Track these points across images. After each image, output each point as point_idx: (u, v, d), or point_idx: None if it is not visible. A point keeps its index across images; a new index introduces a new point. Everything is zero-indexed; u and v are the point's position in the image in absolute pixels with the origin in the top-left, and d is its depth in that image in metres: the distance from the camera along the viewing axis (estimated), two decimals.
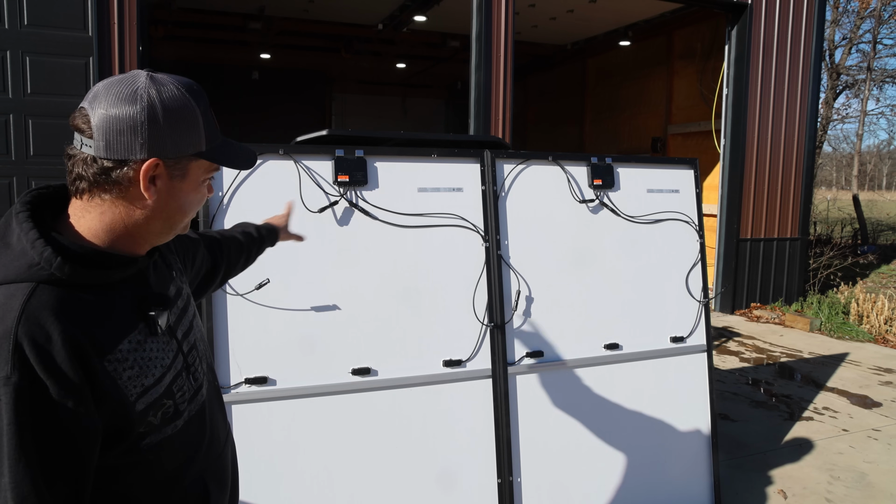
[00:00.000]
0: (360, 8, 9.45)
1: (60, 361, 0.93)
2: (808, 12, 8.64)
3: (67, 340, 0.95)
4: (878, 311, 7.62)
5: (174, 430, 1.13)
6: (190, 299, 1.30)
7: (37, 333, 0.93)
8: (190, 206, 1.11)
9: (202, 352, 1.28)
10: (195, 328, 1.27)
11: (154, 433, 1.09)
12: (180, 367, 1.16)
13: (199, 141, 1.06)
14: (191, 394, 1.18)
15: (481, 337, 2.63)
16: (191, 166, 1.07)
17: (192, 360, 1.21)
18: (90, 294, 1.02)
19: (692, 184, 3.10)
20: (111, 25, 5.61)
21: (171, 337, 1.16)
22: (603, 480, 2.83)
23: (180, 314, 1.22)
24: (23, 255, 0.98)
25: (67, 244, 1.01)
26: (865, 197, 24.65)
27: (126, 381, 1.03)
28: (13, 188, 5.44)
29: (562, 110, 13.98)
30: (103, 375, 0.99)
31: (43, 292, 0.97)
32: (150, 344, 1.09)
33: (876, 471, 3.89)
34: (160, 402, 1.09)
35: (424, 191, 2.57)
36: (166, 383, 1.11)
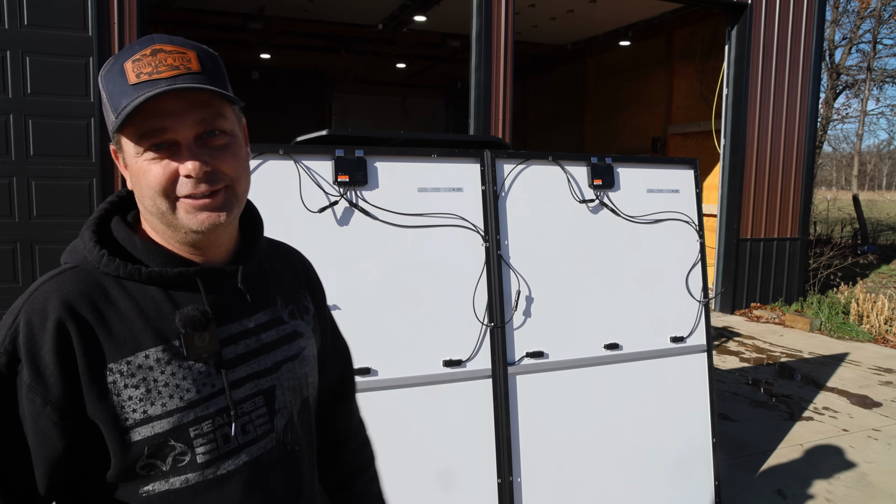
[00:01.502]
0: (360, 8, 9.45)
1: (44, 350, 0.85)
2: (808, 12, 8.64)
3: (58, 330, 0.86)
4: (878, 311, 7.62)
5: (184, 484, 0.93)
6: (295, 339, 1.07)
7: (35, 314, 0.87)
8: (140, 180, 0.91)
9: (283, 404, 1.03)
10: (283, 373, 1.03)
11: (158, 480, 0.92)
12: (214, 410, 0.94)
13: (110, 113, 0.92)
14: (226, 449, 0.95)
15: (481, 337, 2.63)
16: (123, 141, 0.92)
17: (248, 408, 0.98)
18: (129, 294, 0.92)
19: (692, 184, 3.10)
20: (111, 25, 5.61)
21: (216, 370, 0.95)
22: (603, 480, 2.83)
23: (258, 349, 1.01)
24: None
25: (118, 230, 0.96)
26: (865, 197, 24.64)
27: (125, 400, 0.88)
28: (13, 188, 5.44)
29: (562, 110, 13.98)
30: (96, 383, 0.87)
31: (72, 276, 0.91)
32: (173, 368, 0.92)
33: (876, 471, 3.89)
34: (165, 441, 0.90)
35: (424, 191, 2.57)
36: (180, 422, 0.91)
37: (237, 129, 0.98)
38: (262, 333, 1.02)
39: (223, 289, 0.99)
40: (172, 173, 0.90)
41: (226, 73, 0.98)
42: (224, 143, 0.94)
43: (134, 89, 0.88)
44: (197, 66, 0.91)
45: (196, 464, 0.93)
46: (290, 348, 1.06)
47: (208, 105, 0.92)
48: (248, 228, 1.08)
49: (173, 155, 0.90)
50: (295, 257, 1.20)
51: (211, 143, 0.93)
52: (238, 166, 0.96)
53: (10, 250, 5.51)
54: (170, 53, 0.90)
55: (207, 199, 0.92)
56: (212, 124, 0.92)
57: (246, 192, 0.99)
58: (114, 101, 0.90)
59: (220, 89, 0.92)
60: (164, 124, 0.89)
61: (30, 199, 5.50)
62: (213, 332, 0.95)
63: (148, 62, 0.89)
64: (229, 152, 0.95)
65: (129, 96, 0.88)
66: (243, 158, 0.98)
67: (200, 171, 0.90)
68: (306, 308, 1.14)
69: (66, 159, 5.56)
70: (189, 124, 0.90)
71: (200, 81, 0.90)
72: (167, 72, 0.89)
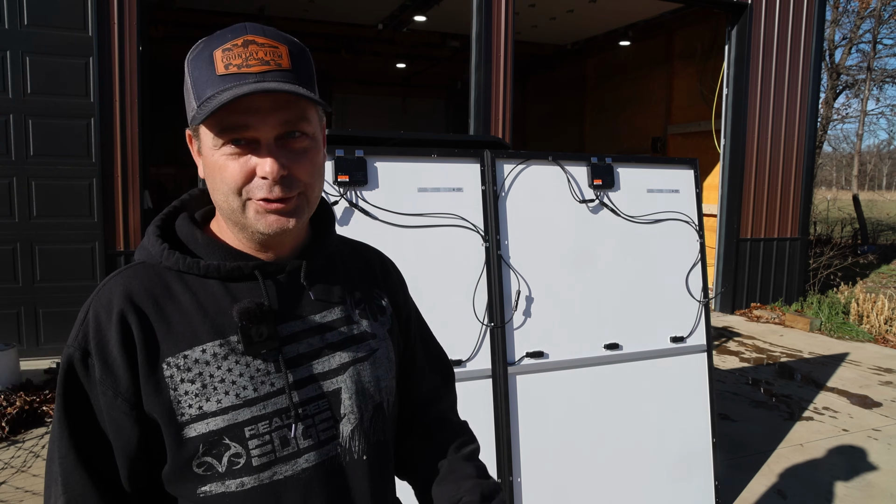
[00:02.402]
0: (360, 8, 9.45)
1: (111, 343, 0.87)
2: (808, 12, 8.64)
3: (121, 322, 0.87)
4: (878, 311, 7.62)
5: (240, 487, 0.89)
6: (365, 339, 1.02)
7: (102, 309, 0.89)
8: (216, 182, 0.90)
9: (351, 408, 0.98)
10: (351, 375, 0.98)
11: (214, 481, 0.89)
12: (272, 410, 0.91)
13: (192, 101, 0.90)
14: (284, 453, 0.91)
15: (481, 337, 2.63)
16: (201, 130, 0.90)
17: (311, 410, 0.94)
18: (190, 288, 0.92)
19: (692, 184, 3.11)
20: (111, 25, 5.61)
21: (277, 368, 0.92)
22: (603, 480, 2.83)
23: (326, 348, 0.97)
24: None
25: (177, 226, 0.97)
26: (865, 197, 24.64)
27: (181, 394, 0.87)
28: (13, 188, 5.44)
29: (562, 110, 13.99)
30: (155, 376, 0.87)
31: (137, 271, 0.92)
32: (230, 364, 0.89)
33: (876, 471, 3.89)
34: (219, 440, 0.88)
35: (424, 191, 2.57)
36: (235, 420, 0.88)
37: (318, 132, 0.95)
38: (328, 333, 0.98)
39: (286, 285, 0.96)
40: (250, 172, 0.88)
41: (314, 70, 0.96)
42: (304, 147, 0.91)
43: (221, 80, 0.86)
44: (287, 63, 0.88)
45: (251, 466, 0.89)
46: (359, 349, 1.01)
47: (294, 106, 0.89)
48: (319, 224, 1.06)
49: (252, 152, 0.88)
50: (373, 256, 1.16)
51: (291, 145, 0.90)
52: (314, 172, 0.93)
53: (10, 250, 5.51)
54: (261, 46, 0.87)
55: (280, 203, 0.89)
56: (295, 126, 0.89)
57: (318, 197, 0.97)
58: (198, 88, 0.88)
59: (309, 90, 0.89)
60: (247, 121, 0.86)
61: (30, 199, 5.50)
62: (271, 326, 0.92)
63: (238, 53, 0.86)
64: (307, 157, 0.91)
65: (215, 86, 0.86)
66: (320, 164, 0.95)
67: (278, 175, 0.87)
68: (381, 308, 1.08)
69: (66, 159, 5.56)
70: (272, 124, 0.87)
71: (289, 80, 0.88)
72: (257, 66, 0.86)
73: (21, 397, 4.43)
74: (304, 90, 0.87)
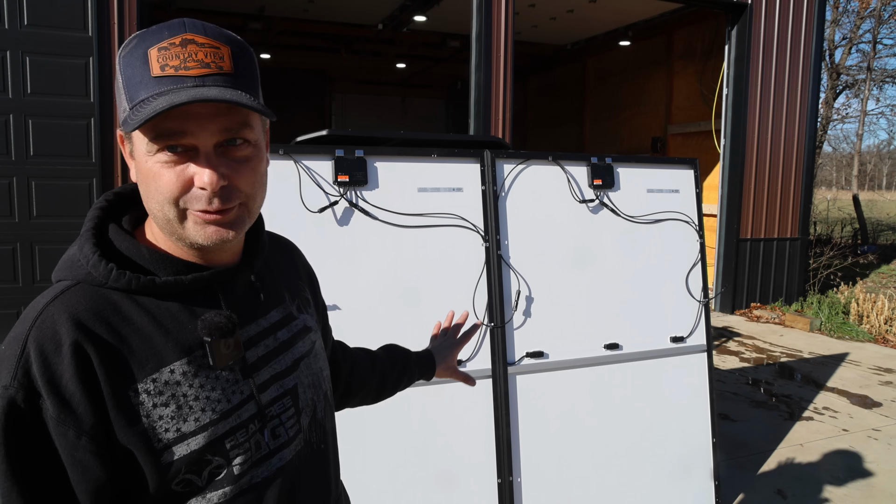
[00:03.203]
0: (360, 8, 9.45)
1: (66, 378, 0.78)
2: (808, 12, 8.64)
3: (77, 353, 0.78)
4: (878, 311, 7.62)
5: (222, 498, 0.87)
6: (306, 334, 1.03)
7: (47, 341, 0.78)
8: (148, 193, 0.84)
9: (306, 402, 0.99)
10: (302, 371, 0.99)
11: (195, 496, 0.86)
12: (247, 417, 0.89)
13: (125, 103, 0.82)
14: (259, 456, 0.91)
15: (481, 337, 2.63)
16: (134, 134, 0.82)
17: (276, 411, 0.94)
18: (141, 306, 0.85)
19: (692, 184, 3.11)
20: (111, 25, 5.61)
21: (242, 376, 0.90)
22: (603, 480, 2.83)
23: (277, 349, 0.96)
24: (75, 251, 0.87)
25: (119, 239, 0.87)
26: (865, 197, 24.64)
27: (155, 420, 0.82)
28: (13, 188, 5.44)
29: (562, 110, 13.99)
30: (122, 406, 0.80)
31: (77, 293, 0.83)
32: (201, 380, 0.86)
33: (876, 471, 3.89)
34: (202, 457, 0.85)
35: (424, 191, 2.57)
36: (215, 434, 0.86)
37: (261, 139, 0.89)
38: (278, 332, 0.98)
39: (237, 291, 0.94)
40: (187, 181, 0.82)
41: (258, 72, 0.89)
42: (246, 156, 0.86)
43: (156, 83, 0.79)
44: (229, 66, 0.82)
45: (233, 475, 0.88)
46: (304, 344, 1.01)
47: (235, 112, 0.83)
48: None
49: (189, 160, 0.82)
50: (291, 248, 1.15)
51: (232, 153, 0.84)
52: (256, 182, 0.88)
53: (10, 250, 5.51)
54: (201, 47, 0.81)
55: (219, 214, 0.84)
56: (236, 133, 0.83)
57: (260, 206, 0.92)
58: (130, 88, 0.81)
59: (252, 95, 0.83)
60: (184, 128, 0.80)
61: (30, 199, 5.50)
62: (237, 337, 0.89)
63: (176, 53, 0.80)
64: (249, 166, 0.86)
65: (149, 89, 0.79)
66: (262, 173, 0.90)
67: (217, 185, 0.82)
68: (307, 301, 1.09)
69: (66, 159, 5.56)
70: (212, 131, 0.81)
71: (231, 84, 0.82)
72: (196, 68, 0.80)
73: None
74: (247, 98, 0.81)
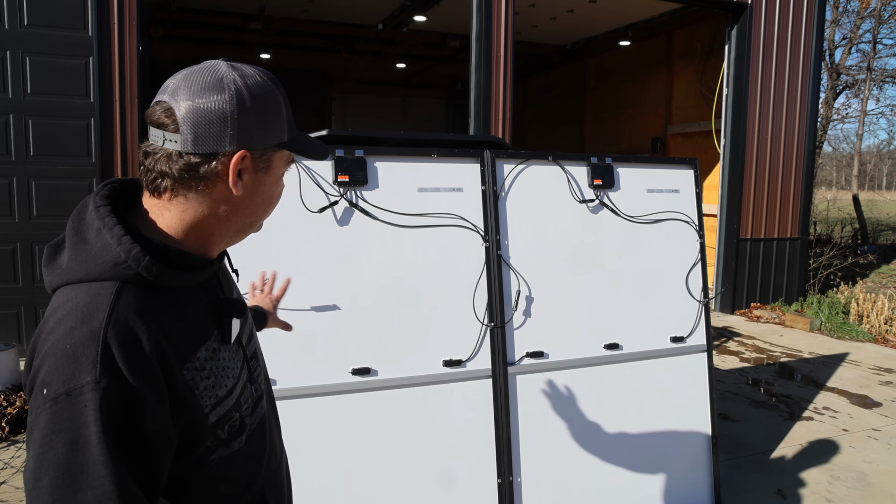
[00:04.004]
0: (360, 8, 9.45)
1: (148, 367, 0.89)
2: (808, 12, 8.64)
3: (155, 345, 0.90)
4: (878, 311, 7.62)
5: (240, 444, 1.07)
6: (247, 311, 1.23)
7: (125, 336, 0.88)
8: (271, 200, 1.05)
9: (261, 364, 1.23)
10: (254, 336, 1.23)
11: (221, 448, 1.04)
12: (245, 377, 1.11)
13: (283, 130, 1.01)
14: (252, 405, 1.13)
15: (481, 337, 2.63)
16: (274, 158, 1.01)
17: (253, 368, 1.16)
18: (172, 297, 0.98)
19: (692, 184, 3.10)
20: (111, 25, 5.61)
21: (238, 345, 1.10)
22: (603, 480, 2.83)
23: (245, 324, 1.17)
24: (106, 252, 0.92)
25: (156, 242, 0.96)
26: (865, 197, 24.64)
27: (202, 391, 0.98)
28: (13, 188, 5.44)
29: (562, 110, 13.98)
30: (182, 384, 0.95)
31: (129, 292, 0.92)
32: (223, 353, 1.04)
33: (876, 471, 3.89)
34: (230, 414, 1.04)
35: (424, 191, 2.57)
36: (236, 395, 1.05)
37: None
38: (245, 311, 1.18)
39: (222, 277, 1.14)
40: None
41: None
42: None
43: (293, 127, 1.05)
44: None
45: (244, 425, 1.09)
46: (249, 318, 1.21)
47: None
48: None
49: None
50: None
51: None
52: None
53: (10, 250, 5.51)
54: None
55: None
56: None
57: None
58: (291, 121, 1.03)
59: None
60: None
61: (30, 199, 5.50)
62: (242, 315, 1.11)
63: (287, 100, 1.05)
64: None
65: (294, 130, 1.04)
66: None
67: None
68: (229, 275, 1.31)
69: (66, 159, 5.56)
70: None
71: None
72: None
73: (21, 397, 4.43)
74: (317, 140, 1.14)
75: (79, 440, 0.84)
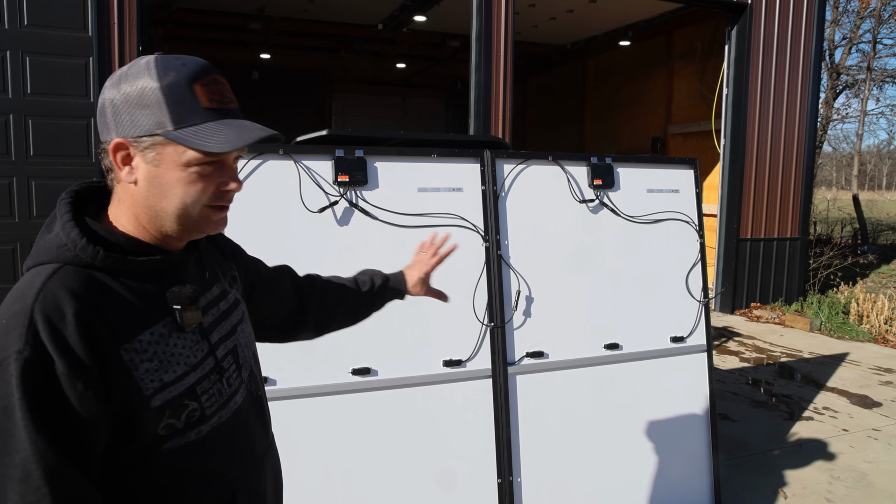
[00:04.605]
0: (360, 8, 9.45)
1: (72, 341, 0.93)
2: (808, 12, 8.64)
3: (81, 321, 0.94)
4: (878, 311, 7.62)
5: (198, 435, 1.08)
6: (238, 305, 1.27)
7: (51, 311, 0.93)
8: (175, 196, 1.03)
9: (244, 359, 1.24)
10: (238, 334, 1.24)
11: (176, 437, 1.05)
12: (209, 369, 1.12)
13: (163, 120, 0.99)
14: (222, 400, 1.14)
15: (481, 337, 2.63)
16: (165, 150, 1.01)
17: (226, 364, 1.17)
18: (119, 281, 1.02)
19: (692, 184, 3.10)
20: (111, 25, 5.61)
21: (202, 337, 1.12)
22: (603, 480, 2.83)
23: (220, 317, 1.19)
24: (56, 238, 1.01)
25: (96, 227, 1.04)
26: (865, 197, 24.64)
27: (143, 373, 1.00)
28: (13, 188, 5.44)
29: (562, 110, 13.98)
30: (117, 363, 0.98)
31: (66, 273, 0.98)
32: (174, 339, 1.06)
33: (876, 471, 3.89)
34: (180, 401, 1.05)
35: (424, 191, 2.57)
36: (188, 383, 1.07)
37: None
38: (220, 303, 1.20)
39: (191, 270, 1.15)
40: (217, 187, 1.06)
41: None
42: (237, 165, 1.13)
43: (210, 113, 1.02)
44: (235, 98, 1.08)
45: (205, 416, 1.09)
46: (237, 313, 1.25)
47: None
48: None
49: (216, 170, 1.05)
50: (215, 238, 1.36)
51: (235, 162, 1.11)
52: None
53: (10, 250, 5.51)
54: (224, 85, 1.06)
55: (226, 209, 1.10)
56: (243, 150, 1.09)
57: None
58: (181, 112, 1.00)
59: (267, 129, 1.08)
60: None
61: (30, 199, 5.50)
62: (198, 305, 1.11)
63: (214, 89, 1.03)
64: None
65: (202, 116, 1.01)
66: None
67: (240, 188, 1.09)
68: (235, 278, 1.32)
69: (66, 159, 5.56)
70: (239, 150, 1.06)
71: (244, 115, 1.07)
72: (230, 104, 1.06)
73: None
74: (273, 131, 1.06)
75: (7, 407, 0.90)
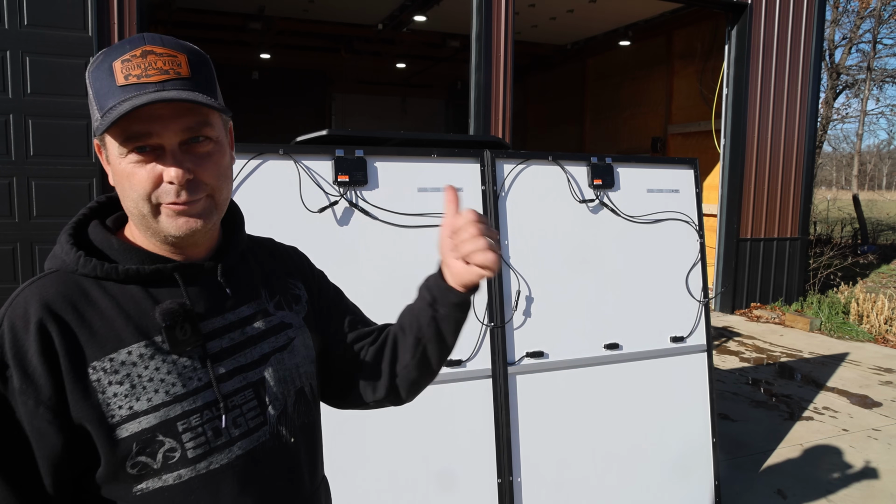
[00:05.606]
0: (360, 8, 9.45)
1: (30, 353, 0.87)
2: (808, 12, 8.64)
3: (40, 331, 0.87)
4: (878, 310, 7.62)
5: (177, 480, 0.92)
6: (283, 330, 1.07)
7: (17, 318, 0.88)
8: (124, 193, 0.93)
9: (276, 396, 1.02)
10: (274, 365, 1.03)
11: (150, 478, 0.91)
12: (202, 403, 0.94)
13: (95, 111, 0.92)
14: (217, 443, 0.95)
15: (481, 337, 2.63)
16: (105, 143, 0.93)
17: (239, 400, 0.98)
18: (107, 293, 0.93)
19: (692, 184, 3.10)
20: (111, 25, 5.61)
21: (201, 364, 0.95)
22: (603, 480, 2.83)
23: (244, 342, 1.01)
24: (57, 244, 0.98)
25: (94, 233, 0.98)
26: (865, 197, 24.64)
27: (110, 396, 0.89)
28: (13, 188, 5.44)
29: (562, 110, 13.98)
30: (79, 382, 0.88)
31: (51, 279, 0.93)
32: (157, 363, 0.92)
33: (876, 471, 3.89)
34: (153, 437, 0.90)
35: (424, 191, 2.57)
36: (166, 416, 0.91)
37: (223, 136, 0.99)
38: (247, 327, 1.02)
39: (204, 285, 1.00)
40: (157, 178, 0.91)
41: (215, 76, 0.98)
42: (208, 151, 0.94)
43: (121, 91, 0.88)
44: (187, 71, 0.91)
45: (187, 459, 0.93)
46: (277, 339, 1.06)
47: (195, 112, 0.92)
48: (229, 225, 1.10)
49: (157, 159, 0.91)
50: (282, 249, 1.22)
51: (195, 149, 0.93)
52: (219, 175, 0.97)
53: (10, 250, 5.51)
54: (160, 56, 0.90)
55: (187, 206, 0.93)
56: (198, 131, 0.93)
57: (227, 199, 1.01)
58: (100, 99, 0.90)
59: (209, 97, 0.92)
60: (149, 129, 0.89)
61: (30, 199, 5.50)
62: (194, 324, 0.95)
63: (137, 64, 0.89)
64: (212, 161, 0.95)
65: (115, 97, 0.88)
66: (226, 166, 0.99)
67: (183, 179, 0.91)
68: (296, 297, 1.13)
69: (66, 159, 5.56)
70: (175, 130, 0.91)
71: (190, 87, 0.90)
72: (156, 76, 0.89)
73: None
74: (202, 97, 0.90)
75: None
